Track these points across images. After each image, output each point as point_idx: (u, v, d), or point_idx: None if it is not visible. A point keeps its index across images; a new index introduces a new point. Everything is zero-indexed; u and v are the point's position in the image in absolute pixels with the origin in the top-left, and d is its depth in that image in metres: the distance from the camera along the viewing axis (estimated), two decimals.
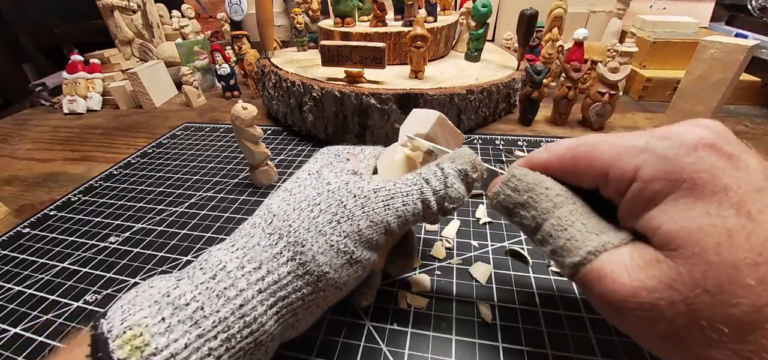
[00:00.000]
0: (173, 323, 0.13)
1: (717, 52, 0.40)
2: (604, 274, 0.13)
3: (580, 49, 0.48)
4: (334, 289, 0.17)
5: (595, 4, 0.74)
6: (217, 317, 0.14)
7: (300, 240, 0.16)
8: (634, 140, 0.13)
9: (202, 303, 0.14)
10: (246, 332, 0.14)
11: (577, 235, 0.14)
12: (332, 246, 0.16)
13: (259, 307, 0.15)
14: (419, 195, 0.18)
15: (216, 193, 0.39)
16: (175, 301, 0.14)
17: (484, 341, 0.22)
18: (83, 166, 0.49)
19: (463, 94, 0.45)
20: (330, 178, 0.19)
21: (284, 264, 0.16)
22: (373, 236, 0.17)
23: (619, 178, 0.14)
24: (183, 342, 0.13)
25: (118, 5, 0.75)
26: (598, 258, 0.14)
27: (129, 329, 0.13)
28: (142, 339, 0.12)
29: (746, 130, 0.49)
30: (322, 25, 0.60)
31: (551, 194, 0.16)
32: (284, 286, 0.15)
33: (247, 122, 0.35)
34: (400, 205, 0.18)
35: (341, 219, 0.17)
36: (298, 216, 0.17)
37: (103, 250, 0.32)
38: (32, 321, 0.26)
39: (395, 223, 0.18)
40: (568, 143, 0.16)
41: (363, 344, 0.22)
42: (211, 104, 0.69)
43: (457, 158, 0.19)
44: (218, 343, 0.13)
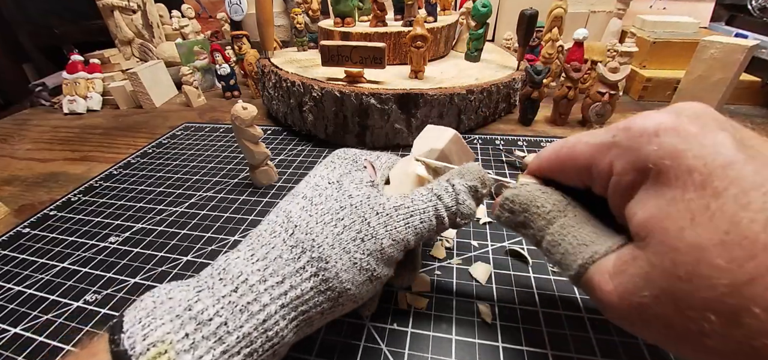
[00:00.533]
0: (197, 339, 0.13)
1: (717, 52, 0.40)
2: (594, 286, 0.14)
3: (580, 49, 0.48)
4: (352, 302, 0.17)
5: (595, 4, 0.74)
6: (240, 333, 0.14)
7: (324, 256, 0.16)
8: (604, 136, 0.14)
9: (226, 318, 0.14)
10: (267, 346, 0.15)
11: (569, 249, 0.15)
12: (355, 264, 0.16)
13: (281, 321, 0.15)
14: (434, 211, 0.19)
15: (216, 193, 0.39)
16: (198, 317, 0.14)
17: (484, 341, 0.22)
18: (83, 166, 0.49)
19: (463, 94, 0.45)
20: (351, 190, 0.19)
21: (307, 280, 0.16)
22: (393, 253, 0.18)
23: (599, 175, 0.14)
24: (208, 358, 0.13)
25: (118, 5, 0.75)
26: (589, 270, 0.14)
27: (152, 346, 0.12)
28: (167, 356, 0.12)
29: None
30: (322, 25, 0.60)
31: (543, 212, 0.16)
32: (306, 301, 0.16)
33: (247, 122, 0.35)
34: (418, 223, 0.18)
35: (365, 237, 0.17)
36: (321, 230, 0.17)
37: (103, 250, 0.32)
38: (32, 321, 0.26)
39: (414, 240, 0.18)
40: (553, 147, 0.17)
41: (363, 344, 0.22)
42: (211, 104, 0.69)
43: (467, 174, 0.20)
44: (241, 358, 0.14)
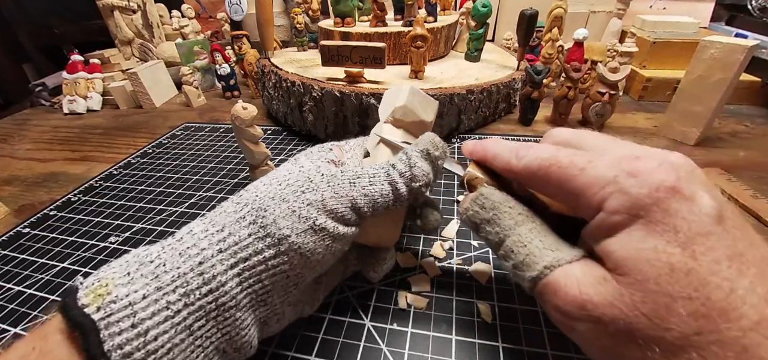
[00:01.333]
0: (136, 277, 0.14)
1: (717, 52, 0.40)
2: (557, 287, 0.15)
3: (580, 49, 0.48)
4: (298, 255, 0.17)
5: (595, 4, 0.74)
6: (176, 272, 0.15)
7: (263, 206, 0.17)
8: (603, 170, 0.14)
9: (164, 260, 0.15)
10: (205, 290, 0.15)
11: (535, 251, 0.16)
12: (294, 211, 0.17)
13: (219, 265, 0.15)
14: (386, 177, 0.19)
15: (216, 193, 0.39)
16: (141, 259, 0.15)
17: (484, 341, 0.22)
18: (83, 166, 0.49)
19: (463, 94, 0.45)
20: (304, 162, 0.20)
21: (246, 227, 0.16)
22: (337, 208, 0.18)
23: (587, 205, 0.15)
24: (142, 293, 0.14)
25: (118, 5, 0.75)
26: (553, 272, 0.15)
27: (97, 282, 0.14)
28: (106, 289, 0.14)
29: (746, 130, 0.49)
30: (322, 25, 0.60)
31: (514, 213, 0.17)
32: (244, 247, 0.16)
33: (247, 122, 0.35)
34: (367, 185, 0.19)
35: (306, 190, 0.18)
36: (266, 189, 0.18)
37: (103, 250, 0.32)
38: (32, 321, 0.26)
39: (362, 201, 0.18)
40: (541, 158, 0.16)
41: (363, 344, 0.22)
42: (211, 104, 0.69)
43: (420, 142, 0.20)
44: (176, 297, 0.14)
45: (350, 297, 0.26)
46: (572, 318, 0.14)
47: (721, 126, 0.50)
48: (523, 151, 0.17)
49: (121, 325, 0.13)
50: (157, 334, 0.13)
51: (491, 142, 0.20)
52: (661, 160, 0.13)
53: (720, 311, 0.11)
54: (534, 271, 0.15)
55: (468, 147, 0.21)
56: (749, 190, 0.35)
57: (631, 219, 0.13)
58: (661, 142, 0.46)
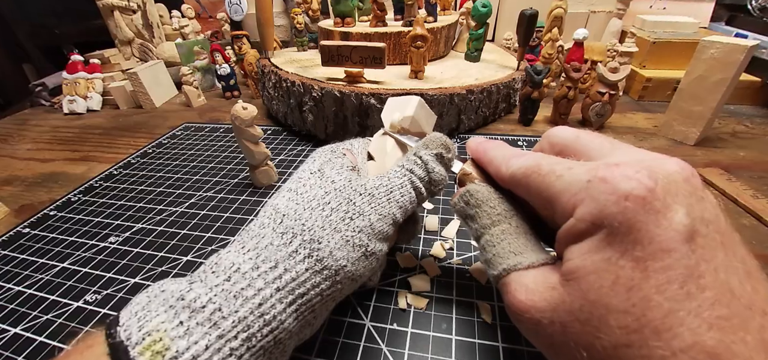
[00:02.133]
0: (192, 326, 0.13)
1: (717, 52, 0.40)
2: (509, 290, 0.16)
3: (580, 49, 0.48)
4: (350, 281, 0.17)
5: (595, 4, 0.74)
6: (236, 317, 0.14)
7: (316, 238, 0.17)
8: (579, 175, 0.14)
9: (220, 304, 0.14)
10: (266, 331, 0.14)
11: (501, 252, 0.17)
12: (348, 241, 0.17)
13: (278, 305, 0.15)
14: (411, 184, 0.20)
15: (216, 193, 0.39)
16: (191, 304, 0.14)
17: (484, 341, 0.22)
18: (83, 166, 0.49)
19: (463, 94, 0.45)
20: (333, 176, 0.20)
21: (301, 262, 0.16)
22: (383, 228, 0.19)
23: (561, 212, 0.15)
24: (204, 343, 0.13)
25: (118, 5, 0.75)
26: (510, 275, 0.16)
27: (148, 335, 0.13)
28: (163, 343, 0.12)
29: (746, 130, 0.49)
30: (322, 25, 0.60)
31: (493, 213, 0.18)
32: (302, 283, 0.16)
33: (247, 122, 0.35)
34: (399, 197, 0.20)
35: (354, 216, 0.18)
36: (310, 215, 0.17)
37: (103, 250, 0.32)
38: (32, 321, 0.26)
39: (399, 214, 0.20)
40: (524, 166, 0.17)
41: (363, 344, 0.23)
42: (211, 104, 0.69)
43: (430, 144, 0.21)
44: (239, 342, 0.14)
45: (350, 297, 0.26)
46: (517, 318, 0.16)
47: (721, 126, 0.50)
48: (513, 159, 0.18)
49: None
50: None
51: (492, 145, 0.20)
52: (641, 168, 0.13)
53: (653, 329, 0.11)
54: (495, 270, 0.17)
55: (472, 145, 0.21)
56: (749, 190, 0.35)
57: (594, 228, 0.13)
58: (661, 142, 0.46)
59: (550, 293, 0.14)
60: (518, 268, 0.16)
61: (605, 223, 0.13)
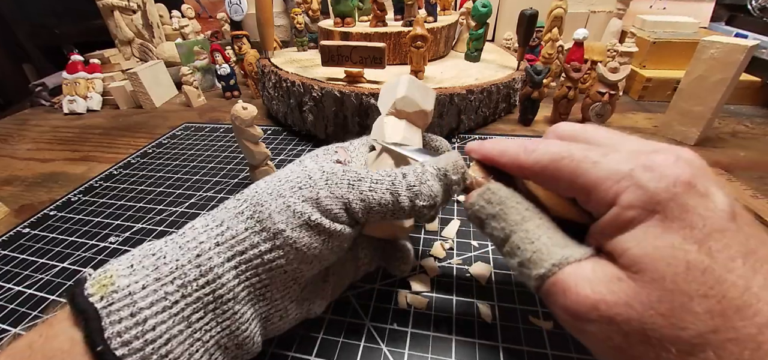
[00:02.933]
0: (138, 268, 0.15)
1: (717, 52, 0.40)
2: (567, 287, 0.14)
3: (580, 49, 0.48)
4: (294, 250, 0.17)
5: (595, 4, 0.74)
6: (175, 264, 0.15)
7: (260, 201, 0.17)
8: (619, 164, 0.14)
9: (165, 253, 0.16)
10: (202, 281, 0.15)
11: (543, 248, 0.15)
12: (289, 207, 0.17)
13: (216, 258, 0.16)
14: (390, 186, 0.18)
15: (216, 193, 0.39)
16: (145, 252, 0.16)
17: (484, 341, 0.22)
18: (83, 166, 0.49)
19: (463, 94, 0.45)
20: (307, 162, 0.20)
21: (243, 221, 0.17)
22: (331, 207, 0.17)
23: (600, 200, 0.14)
24: (142, 283, 0.14)
25: (118, 5, 0.75)
26: (562, 270, 0.14)
27: (103, 273, 0.15)
28: (110, 279, 0.14)
29: (746, 130, 0.49)
30: (322, 25, 0.60)
31: (521, 208, 0.17)
32: (241, 240, 0.16)
33: (247, 122, 0.35)
34: (366, 190, 0.18)
35: (303, 186, 0.18)
36: (265, 186, 0.18)
37: (103, 250, 0.32)
38: (32, 321, 0.26)
39: (357, 205, 0.18)
40: (552, 152, 0.16)
41: (363, 344, 0.22)
42: (211, 104, 0.69)
43: (442, 159, 0.19)
44: (174, 288, 0.15)
45: (350, 297, 0.26)
46: (583, 319, 0.14)
47: (721, 126, 0.50)
48: (531, 145, 0.17)
49: (121, 313, 0.13)
50: (155, 324, 0.14)
51: (496, 140, 0.19)
52: (677, 156, 0.13)
53: (736, 309, 0.11)
54: (541, 269, 0.15)
55: (474, 145, 0.20)
56: (749, 190, 0.35)
57: (647, 214, 0.13)
58: (661, 142, 0.46)
59: (618, 285, 0.13)
60: (572, 261, 0.14)
61: (658, 209, 0.12)
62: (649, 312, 0.12)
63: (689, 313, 0.12)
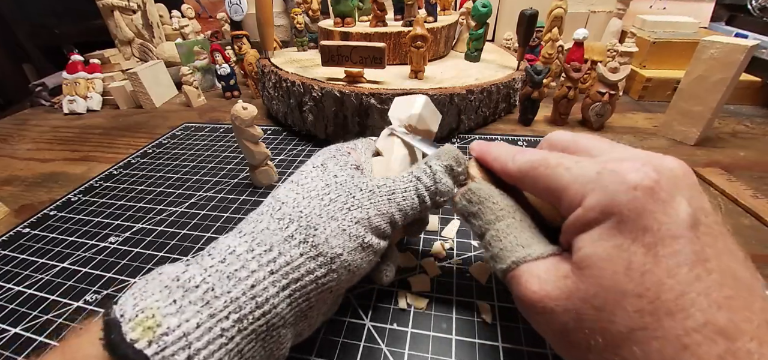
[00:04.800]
0: (184, 304, 0.13)
1: (717, 52, 0.40)
2: (520, 281, 0.16)
3: (580, 49, 0.48)
4: (347, 272, 0.17)
5: (595, 4, 0.74)
6: (228, 297, 0.14)
7: (312, 224, 0.17)
8: (588, 168, 0.15)
9: (213, 284, 0.14)
10: (258, 313, 0.14)
11: (508, 245, 0.17)
12: (344, 230, 0.17)
13: (271, 288, 0.15)
14: (415, 191, 0.20)
15: (216, 193, 0.39)
16: (184, 284, 0.14)
17: (484, 341, 0.22)
18: (83, 166, 0.49)
19: (463, 94, 0.45)
20: (336, 170, 0.20)
21: (296, 246, 0.16)
22: (380, 225, 0.19)
23: (569, 202, 0.15)
24: (195, 322, 0.13)
25: (118, 5, 0.75)
26: (520, 267, 0.16)
27: (141, 312, 0.13)
28: (154, 320, 0.13)
29: (746, 130, 0.49)
30: (322, 25, 0.60)
31: (496, 209, 0.18)
32: (296, 267, 0.16)
33: (247, 122, 0.35)
34: (401, 200, 0.20)
35: (352, 207, 0.18)
36: (308, 204, 0.18)
37: (103, 250, 0.32)
38: (32, 321, 0.26)
39: (398, 215, 0.19)
40: (531, 160, 0.17)
41: (363, 344, 0.23)
42: (211, 104, 0.69)
43: (442, 155, 0.21)
44: (230, 323, 0.14)
45: (350, 297, 0.26)
46: (530, 309, 0.16)
47: (721, 126, 0.50)
48: (519, 154, 0.18)
49: (176, 358, 0.12)
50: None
51: (496, 144, 0.20)
52: (646, 162, 0.14)
53: (667, 311, 0.12)
54: (504, 264, 0.17)
55: (475, 145, 0.21)
56: (749, 190, 0.35)
57: (604, 216, 0.14)
58: (661, 142, 0.46)
59: (563, 282, 0.14)
60: (528, 260, 0.16)
61: (615, 211, 0.13)
62: (585, 305, 0.13)
63: (620, 310, 0.13)
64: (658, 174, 0.13)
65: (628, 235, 0.13)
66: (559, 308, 0.14)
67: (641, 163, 0.14)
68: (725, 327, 0.11)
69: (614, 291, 0.13)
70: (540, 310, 0.15)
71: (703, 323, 0.11)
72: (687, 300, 0.12)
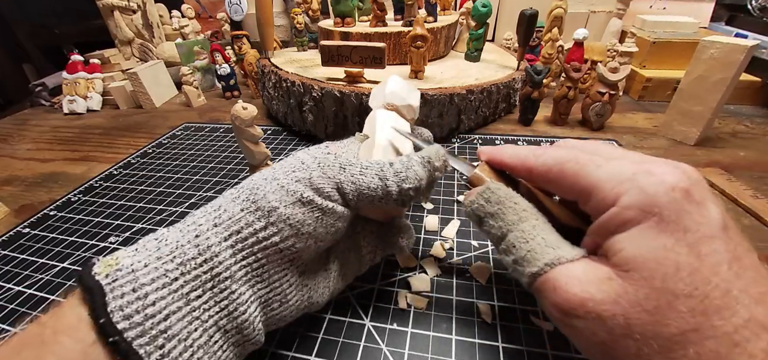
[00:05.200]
0: (140, 250, 0.16)
1: (717, 52, 0.40)
2: (558, 284, 0.15)
3: (580, 49, 0.48)
4: (289, 227, 0.17)
5: (595, 4, 0.74)
6: (175, 244, 0.16)
7: (256, 186, 0.18)
8: (621, 167, 0.15)
9: (167, 236, 0.17)
10: (200, 259, 0.16)
11: (537, 248, 0.16)
12: (282, 187, 0.18)
13: (213, 237, 0.16)
14: (377, 172, 0.19)
15: (216, 193, 0.39)
16: (149, 238, 0.17)
17: (484, 341, 0.22)
18: (83, 166, 0.49)
19: (463, 94, 0.45)
20: (300, 154, 0.21)
21: (239, 203, 0.18)
22: (323, 186, 0.19)
23: (601, 200, 0.15)
24: (144, 262, 0.15)
25: (118, 5, 0.75)
26: (554, 270, 0.15)
27: (111, 256, 0.16)
28: (116, 261, 0.15)
29: (746, 130, 0.49)
30: (322, 25, 0.60)
31: (518, 209, 0.17)
32: (237, 220, 0.17)
33: (247, 122, 0.35)
34: (356, 174, 0.19)
35: (296, 169, 0.19)
36: (261, 174, 0.19)
37: (103, 250, 0.32)
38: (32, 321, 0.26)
39: (348, 187, 0.19)
40: (557, 156, 0.17)
41: (363, 344, 0.23)
42: (211, 104, 0.69)
43: (426, 150, 0.21)
44: (173, 266, 0.15)
45: (350, 297, 0.26)
46: (571, 315, 0.14)
47: (721, 126, 0.50)
48: (540, 150, 0.18)
49: (123, 289, 0.14)
50: (156, 299, 0.14)
51: (507, 146, 0.20)
52: (676, 166, 0.14)
53: (716, 309, 0.12)
54: (534, 267, 0.16)
55: (485, 148, 0.21)
56: (749, 190, 0.35)
57: (644, 216, 0.13)
58: (661, 142, 0.46)
59: (608, 284, 0.14)
60: (563, 262, 0.15)
61: (656, 211, 0.13)
62: (635, 309, 0.13)
63: (674, 311, 0.12)
64: (688, 178, 0.14)
65: (671, 235, 0.13)
66: (607, 313, 0.13)
67: (672, 167, 0.14)
68: (765, 321, 0.12)
69: (666, 292, 0.13)
70: (582, 314, 0.14)
71: (747, 319, 0.12)
72: (731, 298, 0.12)
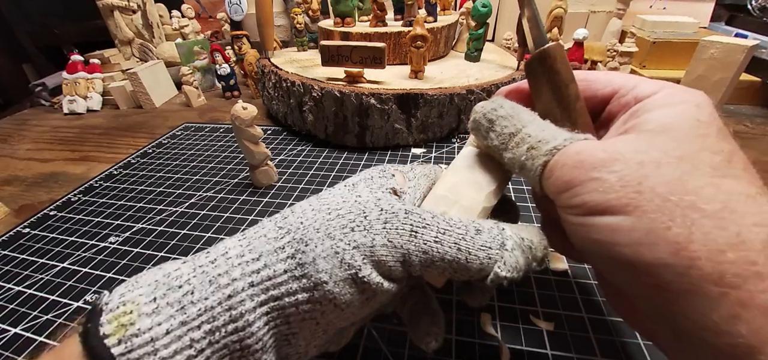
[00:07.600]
0: (161, 305, 0.13)
1: (717, 52, 0.40)
2: (580, 151, 0.14)
3: (580, 49, 0.48)
4: (332, 306, 0.14)
5: (595, 4, 0.74)
6: (203, 305, 0.13)
7: (306, 238, 0.15)
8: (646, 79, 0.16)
9: (194, 287, 0.13)
10: (231, 328, 0.13)
11: (555, 131, 0.16)
12: (337, 253, 0.14)
13: (248, 301, 0.14)
14: (458, 240, 0.15)
15: (216, 193, 0.39)
16: (170, 282, 0.13)
17: (484, 341, 0.22)
18: (83, 166, 0.49)
19: (463, 94, 0.45)
20: (362, 190, 0.17)
21: (283, 260, 0.14)
22: (387, 259, 0.15)
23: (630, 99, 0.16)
24: (165, 327, 0.12)
25: (118, 5, 0.75)
26: (575, 143, 0.14)
27: (123, 305, 0.13)
28: (131, 317, 0.12)
29: (746, 130, 0.49)
30: (322, 25, 0.60)
31: (531, 113, 0.17)
32: (278, 284, 0.14)
33: (247, 122, 0.35)
34: (431, 240, 0.15)
35: (356, 227, 0.15)
36: (313, 216, 0.15)
37: (103, 250, 0.32)
38: (32, 321, 0.26)
39: (417, 258, 0.15)
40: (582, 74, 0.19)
41: (363, 344, 0.22)
42: (211, 104, 0.69)
43: (524, 229, 0.16)
44: (201, 334, 0.13)
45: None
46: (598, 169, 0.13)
47: None
48: None
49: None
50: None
51: None
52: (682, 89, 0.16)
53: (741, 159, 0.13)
54: (554, 142, 0.15)
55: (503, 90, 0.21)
56: None
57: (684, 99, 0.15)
58: None
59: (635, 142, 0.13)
60: (577, 139, 0.15)
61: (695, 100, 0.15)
62: (665, 159, 0.12)
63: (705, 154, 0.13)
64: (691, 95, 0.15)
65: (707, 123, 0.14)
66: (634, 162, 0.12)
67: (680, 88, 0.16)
68: None
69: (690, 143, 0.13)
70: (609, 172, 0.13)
71: None
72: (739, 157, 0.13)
